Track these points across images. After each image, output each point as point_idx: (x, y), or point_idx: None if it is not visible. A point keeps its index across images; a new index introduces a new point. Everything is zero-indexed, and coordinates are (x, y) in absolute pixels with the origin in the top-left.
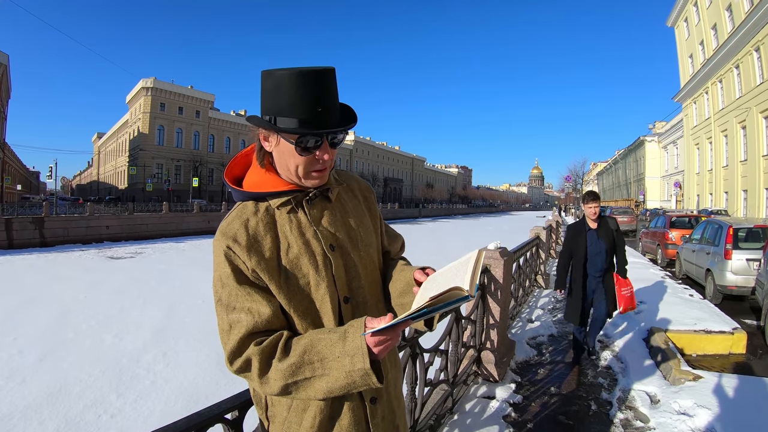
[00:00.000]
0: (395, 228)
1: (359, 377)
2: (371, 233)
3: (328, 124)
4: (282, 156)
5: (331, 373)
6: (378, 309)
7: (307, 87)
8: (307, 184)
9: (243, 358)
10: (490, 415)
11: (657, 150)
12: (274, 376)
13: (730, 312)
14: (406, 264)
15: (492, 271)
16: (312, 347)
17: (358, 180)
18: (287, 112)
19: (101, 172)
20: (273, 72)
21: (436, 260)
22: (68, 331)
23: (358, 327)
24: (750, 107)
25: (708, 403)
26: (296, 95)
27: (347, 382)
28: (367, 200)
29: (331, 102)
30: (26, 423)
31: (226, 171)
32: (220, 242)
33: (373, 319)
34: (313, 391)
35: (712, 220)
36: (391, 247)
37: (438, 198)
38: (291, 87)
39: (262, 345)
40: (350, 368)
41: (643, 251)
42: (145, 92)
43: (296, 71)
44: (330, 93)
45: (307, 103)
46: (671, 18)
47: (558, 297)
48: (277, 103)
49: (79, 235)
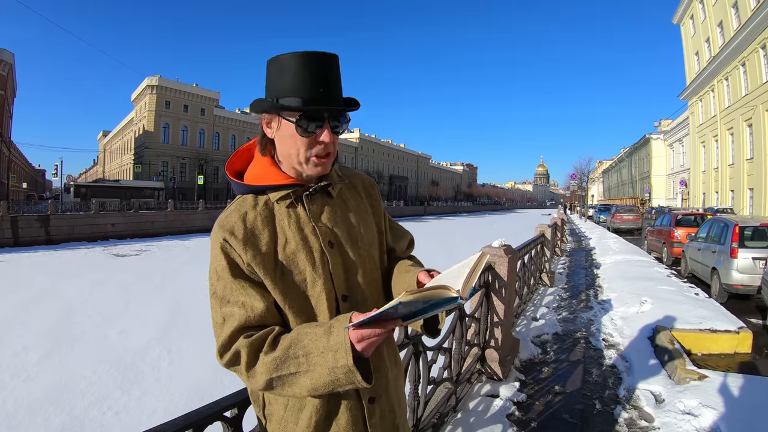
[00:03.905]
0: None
1: (343, 374)
2: (373, 231)
3: (329, 103)
4: (283, 141)
5: (316, 369)
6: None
7: (310, 67)
8: (308, 172)
9: (232, 351)
10: (494, 413)
11: (663, 148)
12: (260, 369)
13: (736, 311)
14: (413, 265)
15: (496, 269)
16: (298, 341)
17: (361, 176)
18: (289, 93)
19: (107, 170)
20: (277, 57)
21: (440, 259)
22: (73, 328)
23: (343, 320)
24: (756, 105)
25: (713, 403)
26: (299, 75)
27: (331, 379)
28: (370, 197)
29: (333, 84)
30: (31, 419)
31: (228, 164)
32: (217, 234)
33: (360, 314)
34: (297, 388)
35: (718, 219)
36: (396, 245)
37: (443, 196)
38: (294, 68)
39: (251, 338)
40: (333, 364)
41: (648, 249)
42: (150, 90)
43: (300, 52)
44: (333, 76)
45: (308, 83)
46: (677, 15)
47: (563, 296)
48: (281, 84)
49: (84, 233)
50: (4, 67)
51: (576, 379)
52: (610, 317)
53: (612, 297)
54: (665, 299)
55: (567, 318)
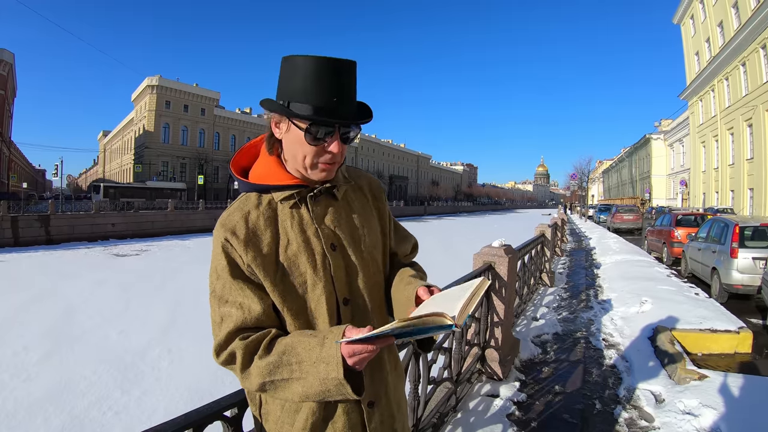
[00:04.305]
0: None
1: (333, 386)
2: (377, 235)
3: (341, 115)
4: (291, 144)
5: (308, 378)
6: (380, 313)
7: (325, 74)
8: (313, 177)
9: (228, 351)
10: (494, 413)
11: (663, 148)
12: (254, 372)
13: (736, 311)
14: (414, 275)
15: (496, 269)
16: (292, 348)
17: (368, 178)
18: (301, 98)
19: (107, 170)
20: (293, 57)
21: (441, 259)
22: (73, 328)
23: (337, 334)
24: (756, 105)
25: (713, 403)
26: (312, 81)
27: (321, 389)
28: (376, 199)
29: (347, 94)
30: (31, 419)
31: (233, 161)
32: (219, 233)
33: (353, 329)
34: (290, 393)
35: (718, 219)
36: (398, 249)
37: (443, 196)
38: (308, 72)
39: (247, 340)
40: (324, 376)
41: (648, 249)
42: (150, 90)
43: (316, 57)
44: (348, 85)
45: (322, 91)
46: (677, 15)
47: (563, 295)
48: (293, 87)
49: (84, 233)
50: (5, 67)
51: (576, 379)
52: (610, 317)
53: (612, 297)
54: (665, 299)
55: (567, 318)
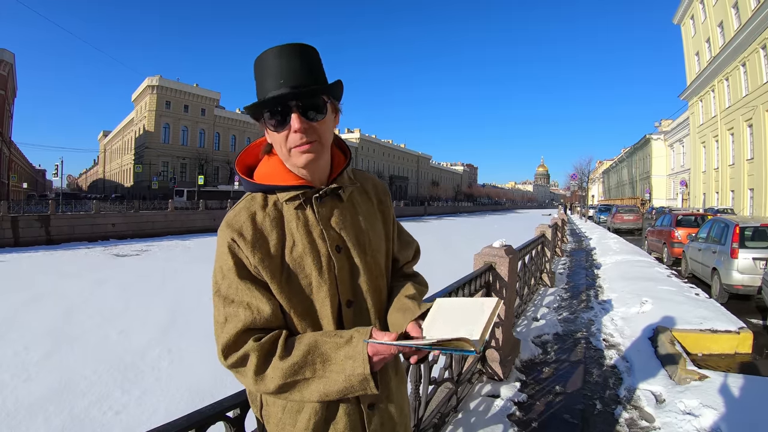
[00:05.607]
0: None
1: (358, 382)
2: (381, 238)
3: (288, 93)
4: (272, 142)
5: (331, 376)
6: (381, 317)
7: (270, 62)
8: (299, 164)
9: (240, 354)
10: (494, 413)
11: (663, 148)
12: (273, 374)
13: (736, 311)
14: (412, 298)
15: (497, 269)
16: (316, 348)
17: (374, 181)
18: (259, 94)
19: (107, 170)
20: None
21: (441, 258)
22: (74, 328)
23: (364, 333)
24: (756, 105)
25: (714, 403)
26: (262, 75)
27: (345, 386)
28: (381, 203)
29: (296, 74)
30: (32, 419)
31: (238, 159)
32: (225, 233)
33: (378, 332)
34: (308, 393)
35: (718, 219)
36: (400, 255)
37: (443, 196)
38: (259, 68)
39: (261, 341)
40: (351, 372)
41: (648, 250)
42: (150, 90)
43: (260, 54)
44: (295, 65)
45: (270, 78)
46: (677, 15)
47: (564, 296)
48: (257, 86)
49: (85, 233)
50: (5, 67)
51: (577, 380)
52: (610, 317)
53: (612, 297)
54: (666, 299)
55: (567, 318)
